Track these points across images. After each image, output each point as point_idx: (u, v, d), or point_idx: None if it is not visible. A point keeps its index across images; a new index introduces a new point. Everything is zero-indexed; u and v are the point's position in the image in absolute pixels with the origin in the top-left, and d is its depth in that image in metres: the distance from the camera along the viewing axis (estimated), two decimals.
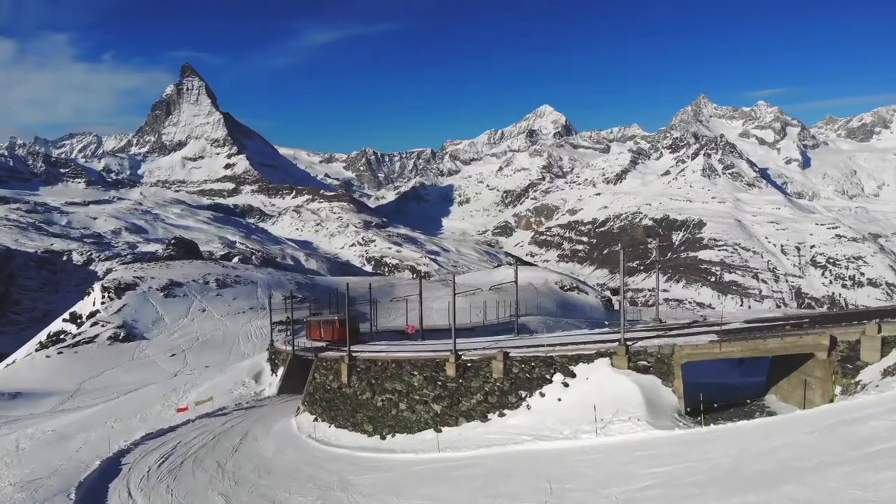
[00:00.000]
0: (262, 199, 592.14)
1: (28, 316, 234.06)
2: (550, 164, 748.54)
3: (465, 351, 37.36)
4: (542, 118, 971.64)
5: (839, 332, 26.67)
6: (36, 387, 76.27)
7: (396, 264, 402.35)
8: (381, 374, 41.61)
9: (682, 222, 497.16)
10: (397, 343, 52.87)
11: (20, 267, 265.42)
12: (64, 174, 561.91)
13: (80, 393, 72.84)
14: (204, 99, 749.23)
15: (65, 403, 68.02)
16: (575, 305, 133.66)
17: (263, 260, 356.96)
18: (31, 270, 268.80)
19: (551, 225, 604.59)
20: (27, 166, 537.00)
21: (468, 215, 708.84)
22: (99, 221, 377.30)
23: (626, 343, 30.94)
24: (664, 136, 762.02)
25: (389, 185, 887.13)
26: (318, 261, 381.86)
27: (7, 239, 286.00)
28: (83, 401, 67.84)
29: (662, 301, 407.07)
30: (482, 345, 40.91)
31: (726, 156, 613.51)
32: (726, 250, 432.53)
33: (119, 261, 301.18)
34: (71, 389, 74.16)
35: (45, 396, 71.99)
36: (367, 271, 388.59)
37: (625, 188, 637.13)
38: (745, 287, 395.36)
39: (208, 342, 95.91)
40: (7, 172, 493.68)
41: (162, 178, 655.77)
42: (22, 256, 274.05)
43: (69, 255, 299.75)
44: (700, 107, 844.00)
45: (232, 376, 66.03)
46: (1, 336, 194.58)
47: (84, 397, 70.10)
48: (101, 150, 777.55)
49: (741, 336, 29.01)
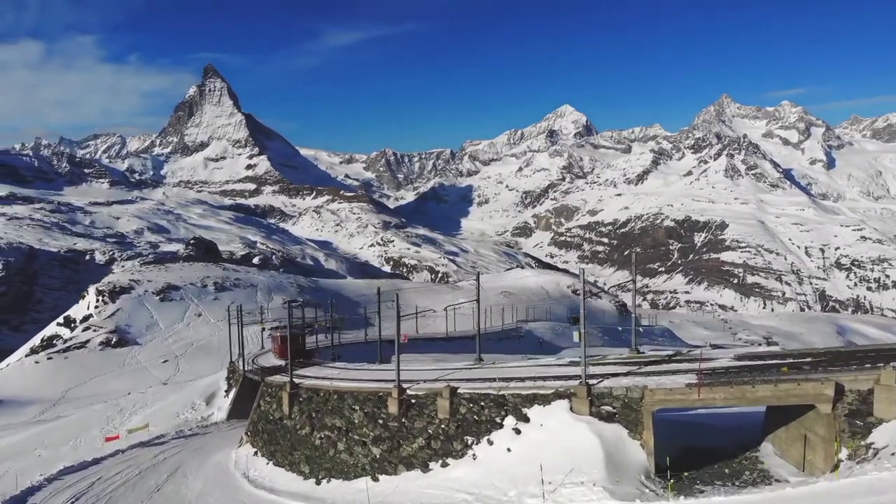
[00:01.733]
0: (282, 199, 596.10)
1: (50, 315, 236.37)
2: (571, 165, 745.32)
3: (411, 384, 32.76)
4: (562, 118, 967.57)
5: (847, 380, 21.76)
6: (21, 394, 73.31)
7: (415, 265, 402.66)
8: (322, 406, 36.85)
9: (704, 223, 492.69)
10: (355, 366, 46.78)
11: (43, 266, 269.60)
12: (88, 174, 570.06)
13: (64, 401, 70.08)
14: (226, 100, 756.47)
15: (45, 413, 65.04)
16: (587, 311, 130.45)
17: (283, 260, 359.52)
18: (54, 270, 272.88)
19: (571, 226, 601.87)
20: (52, 166, 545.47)
21: (487, 216, 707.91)
22: (122, 221, 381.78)
23: (587, 383, 25.86)
24: (686, 137, 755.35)
25: (409, 186, 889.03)
26: (338, 261, 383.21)
27: (31, 238, 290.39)
28: (65, 410, 64.78)
29: (684, 303, 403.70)
30: (434, 375, 35.61)
31: (749, 156, 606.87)
32: (749, 252, 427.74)
33: (141, 260, 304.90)
34: (55, 397, 71.49)
35: (27, 405, 68.95)
36: (386, 272, 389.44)
37: (646, 189, 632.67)
38: (768, 289, 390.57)
39: (203, 348, 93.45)
40: (32, 173, 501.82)
41: (184, 179, 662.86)
42: (45, 256, 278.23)
43: (92, 254, 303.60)
44: (723, 106, 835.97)
45: (183, 397, 60.95)
46: (23, 335, 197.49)
47: (66, 406, 67.26)
48: (125, 150, 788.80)
49: (725, 379, 24.17)
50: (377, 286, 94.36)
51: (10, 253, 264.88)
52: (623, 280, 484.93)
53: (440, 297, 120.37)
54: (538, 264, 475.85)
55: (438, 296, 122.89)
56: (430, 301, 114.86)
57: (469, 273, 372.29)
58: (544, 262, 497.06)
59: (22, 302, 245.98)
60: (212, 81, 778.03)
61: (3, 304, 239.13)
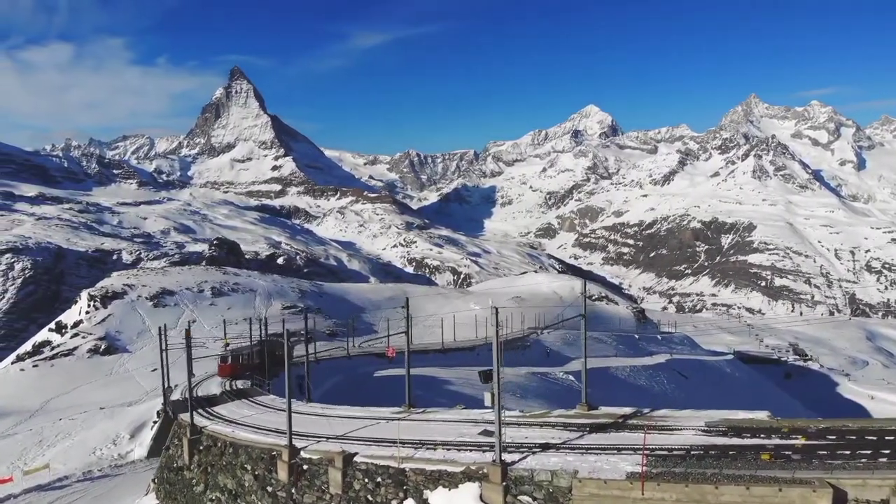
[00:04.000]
0: (307, 200, 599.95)
1: None
2: (595, 165, 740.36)
3: (314, 440, 26.50)
4: (587, 118, 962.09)
5: (852, 483, 15.01)
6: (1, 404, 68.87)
7: (437, 266, 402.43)
8: (217, 459, 31.42)
9: (731, 225, 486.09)
10: (282, 403, 35.67)
11: (71, 266, 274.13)
12: (117, 175, 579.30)
13: (42, 412, 65.44)
14: (252, 102, 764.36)
15: (18, 426, 60.56)
16: (603, 317, 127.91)
17: (307, 260, 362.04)
18: (81, 269, 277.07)
19: (596, 227, 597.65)
20: (81, 167, 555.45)
21: (510, 217, 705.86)
22: (149, 221, 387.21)
23: (503, 461, 19.91)
24: (713, 137, 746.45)
25: (432, 187, 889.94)
26: (361, 261, 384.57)
27: (59, 238, 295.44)
28: (41, 421, 60.07)
29: (711, 306, 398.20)
30: (345, 427, 29.29)
31: (778, 157, 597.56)
32: (777, 254, 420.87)
33: (167, 260, 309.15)
34: (34, 408, 66.97)
35: (2, 416, 64.01)
36: (408, 273, 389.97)
37: (672, 190, 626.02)
38: (797, 292, 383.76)
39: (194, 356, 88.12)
40: (61, 173, 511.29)
41: (211, 180, 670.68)
42: (73, 255, 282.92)
43: (119, 254, 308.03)
44: (751, 106, 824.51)
45: (111, 427, 53.47)
46: None
47: (44, 417, 63.00)
48: (153, 151, 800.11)
49: (682, 470, 17.28)
50: (383, 291, 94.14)
51: (39, 252, 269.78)
52: (649, 282, 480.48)
53: (450, 302, 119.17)
54: (562, 266, 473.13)
55: (448, 300, 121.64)
56: (439, 306, 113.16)
57: (491, 274, 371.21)
58: (568, 264, 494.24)
59: (50, 301, 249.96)
60: (238, 83, 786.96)
61: (31, 302, 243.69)
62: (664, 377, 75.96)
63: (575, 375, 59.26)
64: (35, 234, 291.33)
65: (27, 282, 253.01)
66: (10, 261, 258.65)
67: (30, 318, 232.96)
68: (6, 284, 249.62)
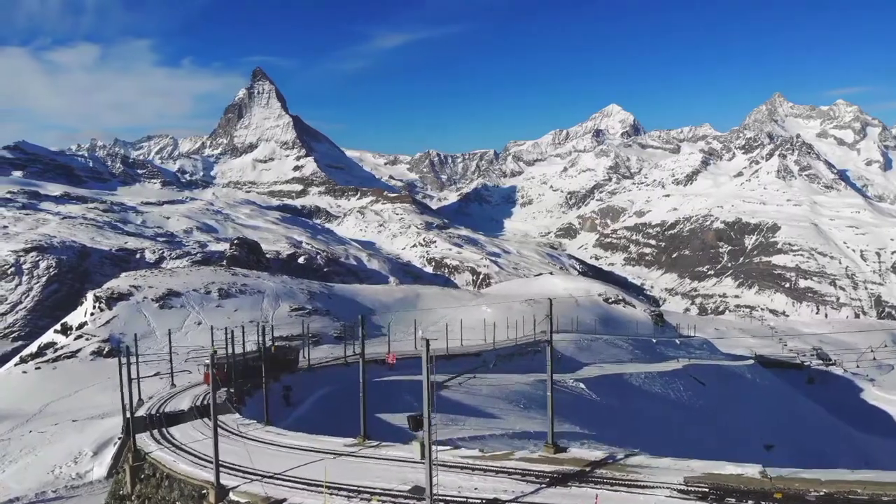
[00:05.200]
0: (328, 200, 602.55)
1: None
2: (617, 165, 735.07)
3: (243, 475, 24.22)
4: (609, 117, 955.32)
5: None
6: None
7: (457, 266, 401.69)
8: (154, 492, 28.72)
9: (755, 226, 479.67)
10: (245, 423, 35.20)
11: (95, 264, 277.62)
12: (141, 175, 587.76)
13: (40, 416, 62.89)
14: (274, 102, 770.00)
15: (12, 431, 58.13)
16: (620, 320, 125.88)
17: (328, 259, 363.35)
18: (105, 268, 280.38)
19: (617, 227, 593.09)
20: (106, 167, 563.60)
21: (531, 217, 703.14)
22: (172, 221, 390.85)
23: None
24: (737, 136, 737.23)
25: (452, 187, 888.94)
26: (380, 261, 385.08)
27: (83, 237, 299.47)
28: (38, 426, 58.03)
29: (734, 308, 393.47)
30: (286, 463, 26.09)
31: (803, 157, 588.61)
32: (802, 255, 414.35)
33: (189, 259, 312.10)
34: (32, 412, 64.31)
35: None
36: (428, 272, 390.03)
37: (695, 190, 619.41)
38: (822, 294, 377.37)
39: (198, 360, 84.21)
40: (87, 173, 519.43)
41: (233, 180, 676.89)
42: (97, 254, 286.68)
43: (142, 253, 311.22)
44: (775, 106, 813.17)
45: (73, 443, 48.91)
46: None
47: (41, 422, 60.32)
48: (176, 151, 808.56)
49: None
50: (394, 293, 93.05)
51: (63, 251, 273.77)
52: (671, 283, 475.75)
53: (462, 304, 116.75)
54: (582, 266, 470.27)
55: (460, 303, 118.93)
56: (450, 308, 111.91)
57: (511, 274, 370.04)
58: (589, 264, 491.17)
59: (73, 299, 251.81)
60: (260, 84, 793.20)
61: (56, 301, 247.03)
62: (680, 384, 74.20)
63: (586, 382, 57.78)
64: (60, 233, 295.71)
65: (51, 280, 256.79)
66: (35, 259, 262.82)
67: (53, 317, 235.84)
68: (31, 283, 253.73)
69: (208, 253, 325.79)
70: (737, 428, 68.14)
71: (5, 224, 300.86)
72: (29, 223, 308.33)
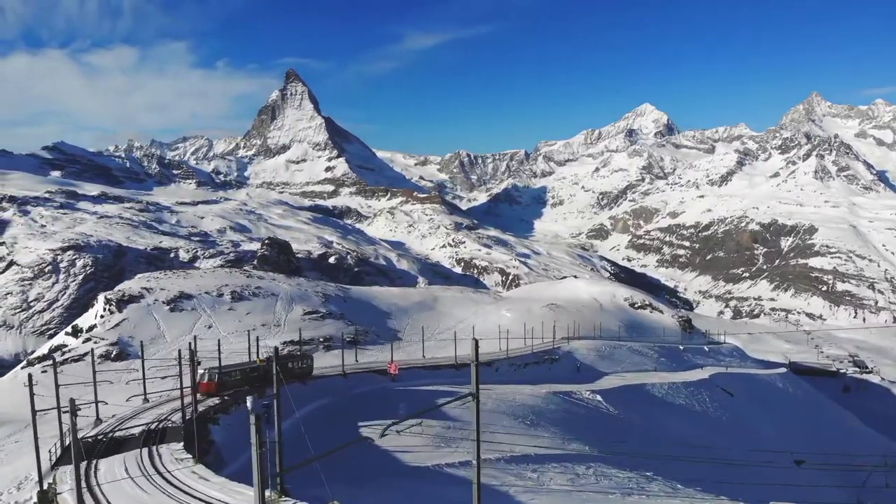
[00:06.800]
0: (359, 200, 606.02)
1: None
2: (650, 165, 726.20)
3: None
4: (642, 117, 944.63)
5: None
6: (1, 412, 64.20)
7: (485, 266, 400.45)
8: None
9: (791, 227, 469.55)
10: None
11: (130, 263, 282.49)
12: (176, 175, 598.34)
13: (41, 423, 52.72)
14: (307, 104, 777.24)
15: (9, 437, 55.84)
16: (646, 326, 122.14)
17: (357, 260, 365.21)
18: (140, 267, 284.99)
19: (650, 228, 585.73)
20: (142, 168, 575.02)
21: (561, 217, 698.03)
22: (206, 221, 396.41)
23: None
24: (773, 136, 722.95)
25: (482, 187, 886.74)
26: (410, 261, 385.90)
27: (119, 236, 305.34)
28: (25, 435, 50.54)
29: (769, 311, 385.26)
30: None
31: (841, 157, 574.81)
32: (839, 258, 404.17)
33: (222, 258, 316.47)
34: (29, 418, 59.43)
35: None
36: (457, 273, 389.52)
37: (730, 190, 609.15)
38: (860, 298, 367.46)
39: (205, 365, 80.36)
40: (123, 173, 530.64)
41: (267, 180, 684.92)
42: (133, 253, 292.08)
43: (176, 252, 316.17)
44: (812, 105, 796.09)
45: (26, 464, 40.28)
46: None
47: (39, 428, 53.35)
48: (211, 152, 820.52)
49: None
50: (411, 296, 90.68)
51: (100, 250, 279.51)
52: (705, 286, 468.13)
53: (481, 307, 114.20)
54: (614, 268, 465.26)
55: (479, 307, 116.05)
56: (469, 311, 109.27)
57: (541, 276, 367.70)
58: (621, 266, 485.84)
59: None
60: (293, 85, 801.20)
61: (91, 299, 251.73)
62: (706, 395, 71.24)
63: (604, 394, 54.49)
64: (96, 232, 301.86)
65: (88, 278, 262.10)
66: (72, 258, 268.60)
67: None
68: (67, 281, 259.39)
69: (241, 252, 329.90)
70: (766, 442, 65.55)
71: (44, 223, 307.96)
72: (66, 222, 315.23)
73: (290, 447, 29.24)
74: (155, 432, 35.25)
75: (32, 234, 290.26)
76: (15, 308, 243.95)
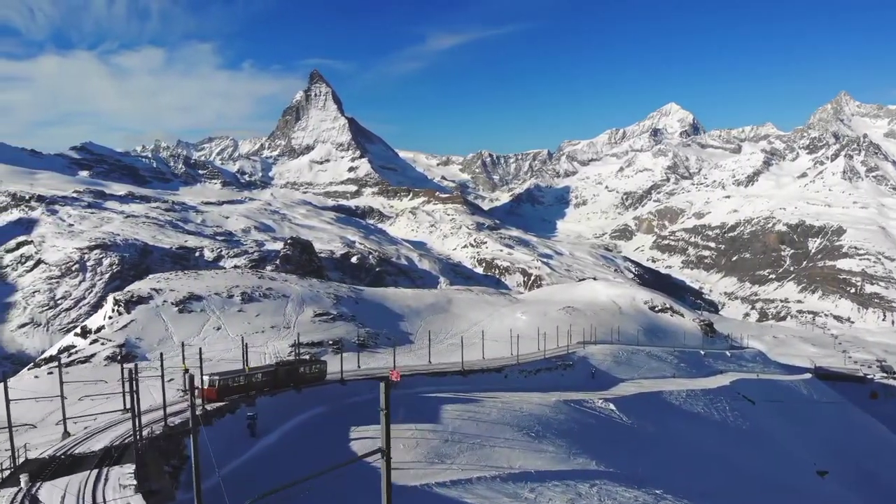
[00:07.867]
0: (381, 200, 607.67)
1: None
2: (676, 165, 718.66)
3: None
4: (667, 117, 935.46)
5: None
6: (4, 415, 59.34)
7: (507, 266, 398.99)
8: None
9: (819, 228, 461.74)
10: None
11: (156, 261, 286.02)
12: (202, 175, 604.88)
13: (42, 426, 55.45)
14: (330, 104, 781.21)
15: None
16: (666, 330, 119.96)
17: (379, 259, 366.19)
18: (165, 265, 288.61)
19: (675, 229, 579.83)
20: (169, 168, 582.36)
21: (584, 218, 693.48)
22: (231, 220, 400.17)
23: None
24: (801, 136, 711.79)
25: (504, 187, 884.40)
26: (431, 261, 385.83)
27: (146, 235, 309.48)
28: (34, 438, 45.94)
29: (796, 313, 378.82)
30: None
31: (870, 157, 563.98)
32: (868, 259, 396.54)
33: (246, 257, 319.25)
34: (34, 421, 58.11)
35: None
36: (478, 273, 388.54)
37: (757, 191, 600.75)
38: (889, 300, 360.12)
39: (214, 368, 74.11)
40: (150, 173, 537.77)
41: (290, 180, 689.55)
42: (158, 252, 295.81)
43: (201, 251, 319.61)
44: (841, 105, 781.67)
45: None
46: None
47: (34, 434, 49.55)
48: (236, 153, 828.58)
49: None
50: (425, 297, 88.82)
51: (126, 248, 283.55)
52: (731, 287, 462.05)
53: (496, 310, 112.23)
54: (637, 268, 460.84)
55: (494, 309, 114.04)
56: (483, 314, 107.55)
57: (563, 276, 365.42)
58: (645, 267, 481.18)
59: None
60: (317, 86, 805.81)
61: None
62: (726, 402, 69.40)
63: (617, 403, 52.16)
64: (123, 231, 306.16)
65: (114, 276, 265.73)
66: (99, 256, 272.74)
67: None
68: (94, 279, 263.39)
69: (265, 252, 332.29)
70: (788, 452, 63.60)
71: (71, 222, 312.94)
72: (94, 221, 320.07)
73: (277, 461, 29.51)
74: (112, 449, 31.22)
75: (60, 233, 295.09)
76: (42, 306, 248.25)
